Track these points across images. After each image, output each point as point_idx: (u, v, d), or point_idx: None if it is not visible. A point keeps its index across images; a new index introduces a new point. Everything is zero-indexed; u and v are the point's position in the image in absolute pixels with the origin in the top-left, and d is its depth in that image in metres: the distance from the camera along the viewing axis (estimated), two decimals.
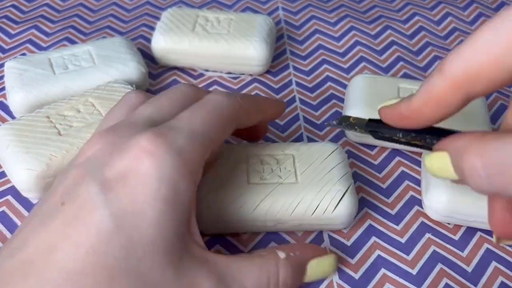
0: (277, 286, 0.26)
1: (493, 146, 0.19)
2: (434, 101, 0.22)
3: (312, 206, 0.30)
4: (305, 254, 0.28)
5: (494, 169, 0.19)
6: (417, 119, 0.23)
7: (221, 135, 0.28)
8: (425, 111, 0.22)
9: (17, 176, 0.32)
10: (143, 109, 0.28)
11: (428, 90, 0.22)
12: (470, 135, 0.21)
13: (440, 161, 0.22)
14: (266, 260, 0.26)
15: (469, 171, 0.20)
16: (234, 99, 0.29)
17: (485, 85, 0.20)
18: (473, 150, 0.20)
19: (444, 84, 0.21)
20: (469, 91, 0.21)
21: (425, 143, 0.24)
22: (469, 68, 0.20)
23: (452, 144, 0.21)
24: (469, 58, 0.20)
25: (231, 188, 0.30)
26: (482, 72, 0.20)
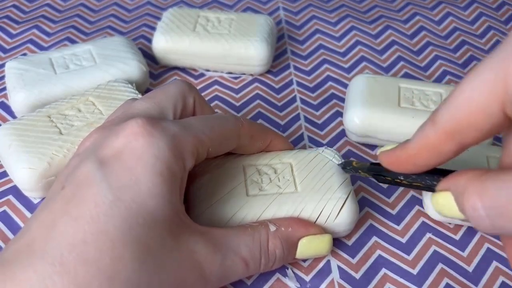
0: (267, 255, 0.27)
1: (491, 187, 0.19)
2: (428, 150, 0.22)
3: (313, 216, 0.29)
4: (298, 231, 0.28)
5: (494, 210, 0.19)
6: (413, 164, 0.23)
7: (220, 140, 0.28)
8: (420, 158, 0.23)
9: (19, 175, 0.32)
10: (139, 104, 0.29)
11: (422, 139, 0.22)
12: (469, 174, 0.21)
13: (445, 201, 0.22)
14: (258, 230, 0.28)
15: (470, 212, 0.20)
16: (238, 118, 0.30)
17: (475, 135, 0.20)
18: (473, 190, 0.20)
19: (436, 134, 0.21)
20: (461, 141, 0.21)
21: (426, 184, 0.25)
22: (459, 119, 0.20)
23: (453, 184, 0.22)
24: (457, 109, 0.20)
25: (230, 201, 0.29)
26: (471, 122, 0.20)
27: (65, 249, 0.22)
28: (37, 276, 0.21)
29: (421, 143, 0.22)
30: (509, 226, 0.19)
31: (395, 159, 0.24)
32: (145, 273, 0.23)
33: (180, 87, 0.30)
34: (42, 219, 0.23)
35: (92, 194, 0.23)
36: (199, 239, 0.25)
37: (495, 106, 0.19)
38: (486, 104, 0.19)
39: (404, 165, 0.24)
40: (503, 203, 0.19)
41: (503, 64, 0.19)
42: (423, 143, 0.22)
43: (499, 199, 0.19)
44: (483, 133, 0.20)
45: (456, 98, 0.20)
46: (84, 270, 0.21)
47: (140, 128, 0.25)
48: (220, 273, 0.26)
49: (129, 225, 0.23)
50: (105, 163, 0.24)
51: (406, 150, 0.23)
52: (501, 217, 0.19)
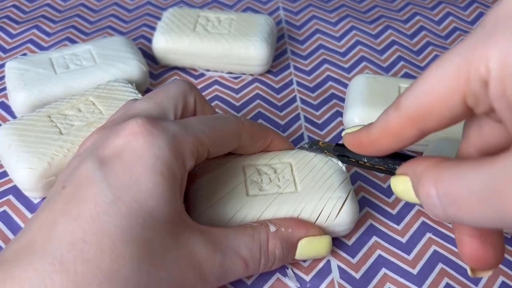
0: (266, 255, 0.27)
1: (447, 175, 0.19)
2: (390, 134, 0.22)
3: (314, 215, 0.29)
4: (297, 232, 0.29)
5: (448, 199, 0.19)
6: (375, 148, 0.24)
7: (221, 140, 0.28)
8: (382, 142, 0.23)
9: (19, 175, 0.32)
10: (140, 104, 0.29)
11: (385, 123, 0.22)
12: (428, 161, 0.21)
13: (403, 185, 0.22)
14: (258, 230, 0.28)
15: (424, 198, 0.20)
16: (239, 119, 0.30)
17: (436, 122, 0.20)
18: (428, 177, 0.20)
19: (399, 119, 0.21)
20: (423, 127, 0.21)
21: (388, 168, 0.25)
22: (421, 106, 0.20)
23: (412, 169, 0.22)
24: (420, 96, 0.20)
25: (230, 201, 0.29)
26: (432, 110, 0.20)
27: (65, 248, 0.22)
28: (36, 275, 0.21)
29: (384, 127, 0.22)
30: (460, 215, 0.19)
31: (358, 142, 0.25)
32: (144, 272, 0.23)
33: (181, 86, 0.30)
34: (42, 219, 0.23)
35: (92, 194, 0.23)
36: (199, 238, 0.25)
37: (456, 97, 0.19)
38: (448, 94, 0.19)
39: (367, 148, 0.24)
40: (456, 192, 0.19)
41: (467, 56, 0.19)
42: (385, 127, 0.22)
43: (453, 187, 0.19)
44: (444, 122, 0.20)
45: (420, 85, 0.20)
46: (83, 269, 0.21)
47: (140, 127, 0.25)
48: (220, 273, 0.26)
49: (129, 224, 0.23)
50: (106, 163, 0.24)
51: (369, 133, 0.23)
52: (453, 206, 0.19)
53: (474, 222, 0.19)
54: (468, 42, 0.19)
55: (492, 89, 0.18)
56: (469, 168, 0.18)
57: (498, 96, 0.18)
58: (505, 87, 0.17)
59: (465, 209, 0.18)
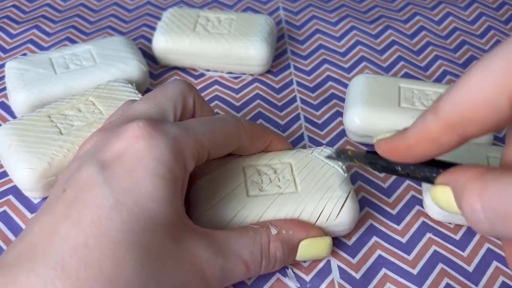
0: (267, 257, 0.27)
1: (493, 188, 0.18)
2: (428, 140, 0.21)
3: (314, 215, 0.29)
4: (298, 233, 0.29)
5: (494, 214, 0.18)
6: (411, 154, 0.22)
7: (221, 142, 0.28)
8: (419, 148, 0.22)
9: (19, 175, 0.32)
10: (139, 105, 0.29)
11: (422, 128, 0.21)
12: (471, 171, 0.19)
13: (444, 195, 0.21)
14: (259, 233, 0.28)
15: (468, 212, 0.19)
16: (238, 120, 0.30)
17: (479, 128, 0.19)
18: (472, 189, 0.19)
19: (438, 125, 0.20)
20: (464, 133, 0.20)
21: (425, 176, 0.24)
22: (462, 111, 0.19)
23: (453, 179, 0.20)
24: (461, 100, 0.19)
25: (231, 202, 0.29)
26: (475, 115, 0.19)
27: (67, 253, 0.21)
28: (38, 280, 0.21)
29: (421, 133, 0.21)
30: (509, 231, 0.18)
31: (392, 148, 0.23)
32: (146, 276, 0.23)
33: (180, 87, 0.30)
34: (43, 223, 0.23)
35: (94, 198, 0.23)
36: (200, 241, 0.25)
37: (503, 99, 0.18)
38: (494, 97, 0.18)
39: (402, 154, 0.23)
40: (504, 207, 0.18)
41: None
42: (422, 133, 0.21)
43: (501, 202, 0.18)
44: (487, 127, 0.19)
45: (461, 88, 0.19)
46: (86, 274, 0.21)
47: (141, 130, 0.25)
48: (221, 276, 0.26)
49: (130, 228, 0.22)
50: (106, 166, 0.24)
51: (404, 139, 0.22)
52: (502, 221, 0.18)
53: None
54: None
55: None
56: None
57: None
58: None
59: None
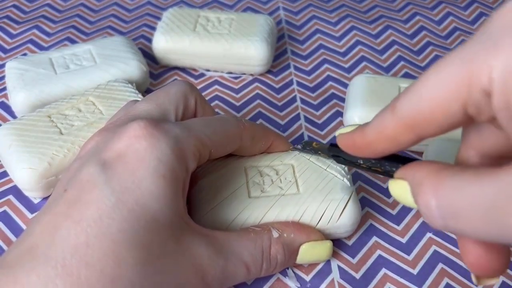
0: (268, 260, 0.27)
1: (448, 185, 0.18)
2: (385, 137, 0.21)
3: (316, 217, 0.29)
4: (299, 237, 0.29)
5: (448, 211, 0.18)
6: (370, 150, 0.23)
7: (222, 141, 0.28)
8: (377, 145, 0.22)
9: (19, 175, 0.32)
10: (141, 105, 0.29)
11: (380, 126, 0.21)
12: (428, 167, 0.20)
13: (401, 190, 0.21)
14: (261, 236, 0.28)
15: (423, 208, 0.19)
16: (239, 120, 0.30)
17: (434, 129, 0.20)
18: (428, 186, 0.19)
19: (395, 124, 0.21)
20: (419, 133, 0.20)
21: (385, 170, 0.24)
22: (418, 112, 0.19)
23: (410, 174, 0.21)
24: (418, 102, 0.19)
25: (232, 203, 0.29)
26: (430, 117, 0.19)
27: (68, 252, 0.21)
28: (40, 280, 0.21)
29: (379, 131, 0.21)
30: (460, 227, 0.18)
31: (352, 143, 0.24)
32: (147, 276, 0.23)
33: (181, 88, 0.30)
34: (44, 223, 0.23)
35: (95, 197, 0.23)
36: (201, 242, 0.25)
37: (456, 105, 0.18)
38: (447, 102, 0.18)
39: (361, 149, 0.23)
40: (457, 205, 0.18)
41: (468, 64, 0.18)
42: (380, 130, 0.21)
43: (454, 199, 0.18)
44: (442, 128, 0.20)
45: (418, 90, 0.20)
46: (87, 273, 0.21)
47: (142, 130, 0.25)
48: (222, 278, 0.26)
49: (132, 228, 0.22)
50: (108, 166, 0.24)
51: (364, 135, 0.22)
52: (453, 218, 0.18)
53: (475, 236, 0.18)
54: (469, 49, 0.18)
55: (496, 101, 0.17)
56: (470, 179, 0.18)
57: (501, 108, 0.17)
58: (509, 99, 0.17)
59: (466, 223, 0.18)
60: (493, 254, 0.21)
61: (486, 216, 0.17)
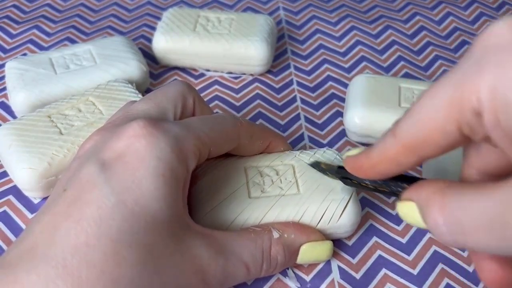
0: (268, 261, 0.28)
1: (453, 202, 0.19)
2: (388, 160, 0.22)
3: (316, 217, 0.29)
4: (300, 237, 0.29)
5: (455, 227, 0.19)
6: (375, 172, 0.24)
7: (221, 139, 0.28)
8: (381, 167, 0.23)
9: (19, 175, 0.32)
10: (140, 105, 0.29)
11: (383, 149, 0.22)
12: (432, 186, 0.21)
13: (409, 210, 0.22)
14: (261, 236, 0.28)
15: (432, 227, 0.20)
16: (237, 118, 0.30)
17: (433, 150, 0.21)
18: (435, 205, 0.20)
19: (396, 147, 0.22)
20: (420, 154, 0.21)
21: (391, 190, 0.25)
22: (416, 135, 0.21)
23: (416, 195, 0.22)
24: (416, 125, 0.20)
25: (232, 204, 0.29)
26: (429, 139, 0.20)
27: (68, 252, 0.21)
28: (40, 280, 0.21)
29: (382, 154, 0.23)
30: (469, 243, 0.19)
31: (358, 166, 0.25)
32: (147, 275, 0.23)
33: (179, 87, 0.30)
34: (44, 222, 0.23)
35: (95, 197, 0.23)
36: (201, 242, 0.25)
37: (451, 125, 0.19)
38: (443, 123, 0.19)
39: (367, 172, 0.24)
40: (463, 220, 0.19)
41: (458, 87, 0.19)
42: (383, 154, 0.22)
43: (460, 215, 0.19)
44: (441, 149, 0.20)
45: (415, 113, 0.21)
46: (87, 274, 0.21)
47: (142, 129, 0.25)
48: (222, 278, 0.26)
49: (132, 227, 0.22)
50: (107, 166, 0.24)
51: (368, 158, 0.24)
52: (460, 234, 0.19)
53: (483, 249, 0.19)
54: (458, 72, 0.19)
55: (486, 120, 0.18)
56: (473, 196, 0.19)
57: (493, 126, 0.18)
58: (498, 118, 0.18)
59: (472, 238, 0.19)
60: (507, 268, 0.22)
61: (489, 229, 0.18)
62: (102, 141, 0.26)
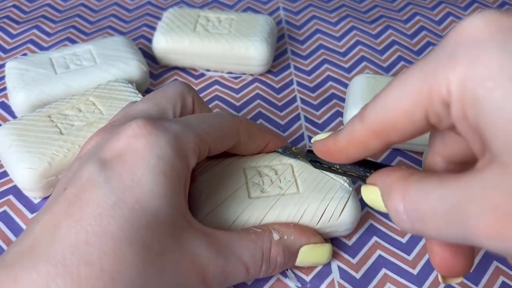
0: (268, 261, 0.28)
1: (414, 190, 0.20)
2: (356, 144, 0.23)
3: (317, 216, 0.29)
4: (300, 239, 0.29)
5: (414, 215, 0.19)
6: (343, 156, 0.24)
7: (220, 136, 0.28)
8: (349, 151, 0.23)
9: (19, 175, 0.32)
10: (139, 105, 0.29)
11: (351, 133, 0.23)
12: (397, 173, 0.21)
13: (372, 195, 0.23)
14: (261, 237, 0.28)
15: (392, 212, 0.21)
16: (235, 115, 0.30)
17: (400, 135, 0.21)
18: (397, 191, 0.20)
19: (363, 131, 0.22)
20: (386, 139, 0.21)
21: (359, 175, 0.26)
22: (384, 120, 0.21)
23: (381, 180, 0.22)
24: (384, 110, 0.21)
25: (232, 205, 0.29)
26: (396, 124, 0.20)
27: (68, 251, 0.21)
28: (40, 278, 0.21)
29: (349, 137, 0.23)
30: (426, 230, 0.19)
31: (326, 149, 0.25)
32: (148, 273, 0.23)
33: (179, 87, 0.30)
34: (44, 222, 0.23)
35: (95, 196, 0.23)
36: (202, 241, 0.25)
37: (418, 113, 0.19)
38: (411, 110, 0.20)
39: (334, 156, 0.25)
40: (422, 209, 0.19)
41: (428, 77, 0.19)
42: (351, 137, 0.23)
43: (420, 204, 0.19)
44: (407, 135, 0.21)
45: (383, 99, 0.21)
46: (87, 272, 0.21)
47: (141, 129, 0.25)
48: (221, 277, 0.26)
49: (132, 226, 0.22)
50: (107, 165, 0.24)
51: (336, 142, 0.24)
52: (419, 221, 0.19)
53: (440, 237, 0.19)
54: (430, 62, 0.19)
55: (454, 111, 0.18)
56: (434, 185, 0.19)
57: (459, 118, 0.19)
58: (465, 110, 0.18)
59: (431, 226, 0.19)
60: (459, 257, 0.23)
61: (447, 218, 0.18)
62: (102, 141, 0.26)
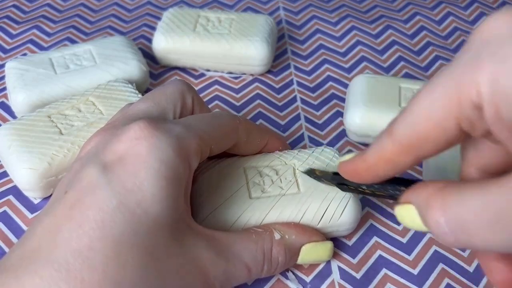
0: (270, 261, 0.27)
1: (453, 201, 0.19)
2: (385, 161, 0.22)
3: (317, 216, 0.29)
4: (301, 238, 0.29)
5: (458, 226, 0.19)
6: (371, 175, 0.23)
7: (220, 136, 0.28)
8: (378, 169, 0.23)
9: (19, 175, 0.32)
10: (140, 105, 0.29)
11: (379, 150, 0.22)
12: (431, 187, 0.20)
13: (409, 214, 0.22)
14: (262, 237, 0.27)
15: (434, 227, 0.20)
16: (234, 115, 0.30)
17: (431, 148, 0.20)
18: (435, 205, 0.20)
19: (393, 146, 0.21)
20: (417, 153, 0.21)
21: (388, 194, 0.25)
22: (414, 133, 0.20)
23: (415, 197, 0.21)
24: (413, 123, 0.20)
25: (233, 205, 0.29)
26: (426, 136, 0.20)
27: (71, 255, 0.21)
28: (43, 283, 0.21)
29: (378, 155, 0.22)
30: (472, 241, 0.19)
31: (353, 170, 0.24)
32: (150, 277, 0.23)
33: (178, 86, 0.30)
34: (46, 224, 0.23)
35: (97, 200, 0.23)
36: (203, 243, 0.25)
37: (450, 121, 0.19)
38: (442, 119, 0.19)
39: (363, 175, 0.24)
40: (465, 218, 0.18)
41: (456, 82, 0.18)
42: (380, 155, 0.22)
43: (462, 214, 0.19)
44: (439, 147, 0.20)
45: (412, 111, 0.20)
46: (90, 276, 0.21)
47: (143, 131, 0.24)
48: (223, 278, 0.26)
49: (134, 230, 0.22)
50: (109, 168, 0.24)
51: (364, 161, 0.23)
52: (464, 232, 0.19)
53: (488, 248, 0.19)
54: (456, 67, 0.19)
55: (487, 114, 0.18)
56: (473, 192, 0.18)
57: (494, 120, 0.18)
58: (499, 111, 0.17)
59: (476, 236, 0.18)
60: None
61: (493, 226, 0.17)
62: (103, 143, 0.25)
